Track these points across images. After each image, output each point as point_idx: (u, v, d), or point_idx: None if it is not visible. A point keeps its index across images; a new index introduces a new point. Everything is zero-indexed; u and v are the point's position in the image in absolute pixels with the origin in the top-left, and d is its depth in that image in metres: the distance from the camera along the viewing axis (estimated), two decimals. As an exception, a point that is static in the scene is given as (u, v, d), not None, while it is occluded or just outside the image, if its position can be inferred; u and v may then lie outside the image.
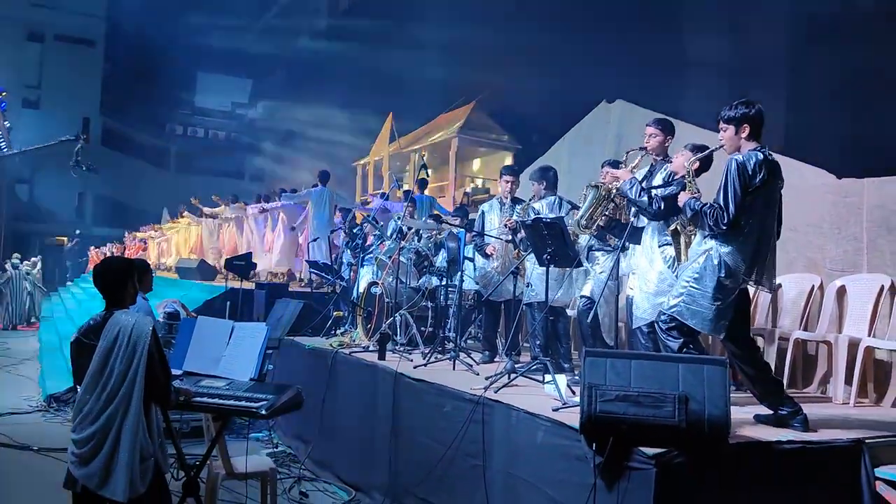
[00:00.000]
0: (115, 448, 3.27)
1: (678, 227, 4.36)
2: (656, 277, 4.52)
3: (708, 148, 4.23)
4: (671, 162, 4.64)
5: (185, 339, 4.35)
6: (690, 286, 3.83)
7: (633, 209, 4.76)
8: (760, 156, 3.76)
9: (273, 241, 12.71)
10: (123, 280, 3.52)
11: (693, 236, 4.23)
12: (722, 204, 3.71)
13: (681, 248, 4.25)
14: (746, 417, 3.92)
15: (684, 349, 3.82)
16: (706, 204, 3.84)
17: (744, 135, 3.86)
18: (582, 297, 5.30)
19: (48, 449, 6.41)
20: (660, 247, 4.55)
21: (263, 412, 3.83)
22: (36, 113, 33.18)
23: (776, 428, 3.77)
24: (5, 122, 27.64)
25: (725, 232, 3.73)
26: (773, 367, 5.16)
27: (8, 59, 29.32)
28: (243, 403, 3.89)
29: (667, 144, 4.85)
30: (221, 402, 3.89)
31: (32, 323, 17.62)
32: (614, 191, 4.72)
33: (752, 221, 3.75)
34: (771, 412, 3.88)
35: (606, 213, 4.80)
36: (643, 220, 4.69)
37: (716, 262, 3.77)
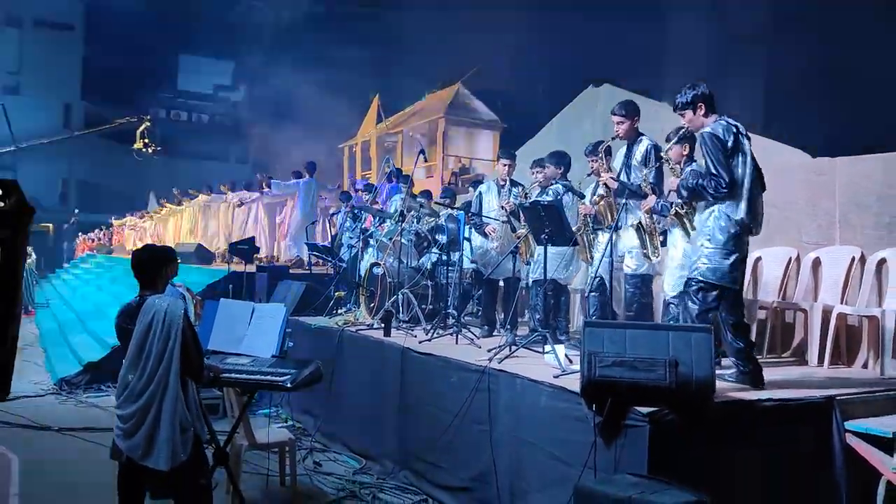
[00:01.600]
0: (156, 422, 3.56)
1: (678, 210, 4.57)
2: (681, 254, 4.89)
3: (681, 130, 4.63)
4: (642, 140, 5.06)
5: (210, 320, 4.65)
6: (705, 247, 4.24)
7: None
8: (724, 122, 4.26)
9: (287, 228, 12.79)
10: (161, 266, 3.81)
11: (693, 214, 4.55)
12: (714, 172, 4.14)
13: (687, 226, 4.55)
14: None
15: (710, 310, 4.22)
16: (698, 179, 4.21)
17: (701, 112, 4.35)
18: (595, 277, 5.45)
19: (68, 428, 6.71)
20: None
21: (289, 385, 4.15)
22: (16, 99, 32.94)
23: (738, 385, 4.20)
24: (-13, 110, 27.46)
25: (727, 194, 4.15)
26: (754, 334, 5.61)
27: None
28: (269, 378, 4.21)
29: (635, 125, 5.21)
30: (248, 376, 4.22)
31: (29, 311, 17.75)
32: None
33: (739, 176, 4.19)
34: (734, 369, 4.31)
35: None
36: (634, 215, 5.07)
37: (721, 219, 4.20)
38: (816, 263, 5.77)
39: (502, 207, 6.26)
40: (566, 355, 4.64)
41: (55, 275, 24.55)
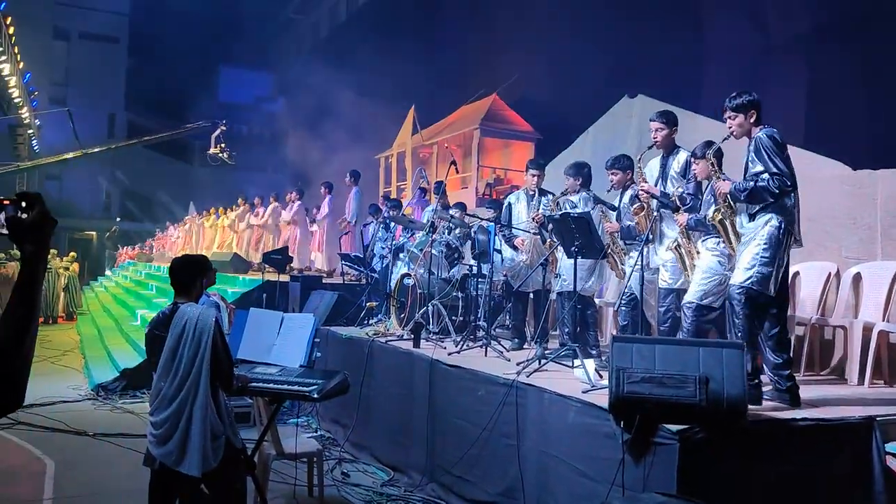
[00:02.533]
0: (188, 428, 3.60)
1: (721, 216, 4.49)
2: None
3: (714, 143, 4.53)
4: (680, 151, 4.97)
5: (239, 329, 4.70)
6: (761, 256, 4.13)
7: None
8: (776, 130, 4.17)
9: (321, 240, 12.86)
10: (195, 275, 3.86)
11: (735, 220, 4.45)
12: (777, 170, 4.05)
13: (728, 232, 4.46)
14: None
15: (757, 319, 4.16)
16: (756, 179, 4.12)
17: (752, 119, 4.25)
18: (626, 292, 5.37)
19: (103, 434, 6.82)
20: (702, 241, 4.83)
21: (315, 395, 4.16)
22: (63, 110, 33.86)
23: (774, 402, 4.09)
24: (35, 121, 28.30)
25: (790, 192, 4.08)
26: (792, 352, 5.45)
27: (35, 57, 29.91)
28: (296, 388, 4.22)
29: (673, 136, 5.11)
30: (276, 386, 4.23)
31: (72, 317, 18.17)
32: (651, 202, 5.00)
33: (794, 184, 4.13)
34: (770, 386, 4.20)
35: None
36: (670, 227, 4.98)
37: (779, 228, 4.11)
38: (857, 279, 5.62)
39: (532, 219, 6.21)
40: (596, 370, 4.57)
41: (97, 282, 25.07)
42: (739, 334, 4.12)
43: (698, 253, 4.82)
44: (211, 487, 3.65)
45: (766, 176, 4.06)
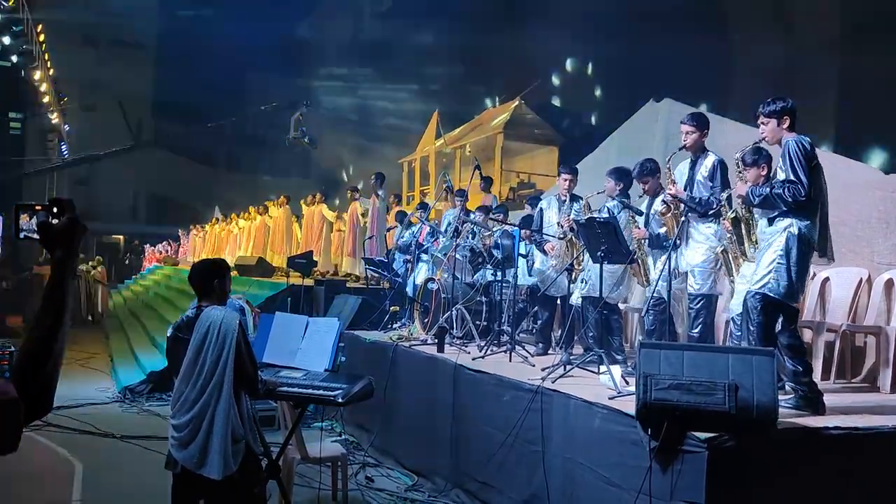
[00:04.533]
0: (209, 432, 3.60)
1: (738, 215, 4.49)
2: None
3: (763, 149, 4.45)
4: (709, 154, 4.90)
5: (265, 334, 4.71)
6: (777, 262, 4.07)
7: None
8: (808, 139, 4.09)
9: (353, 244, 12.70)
10: (211, 278, 3.87)
11: (753, 222, 4.40)
12: (794, 178, 3.98)
13: (743, 234, 4.42)
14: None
15: (774, 326, 4.10)
16: (773, 185, 4.07)
17: (785, 125, 4.17)
18: (653, 297, 5.27)
19: (129, 436, 6.88)
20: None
21: (340, 400, 4.16)
22: (92, 115, 34.40)
23: (799, 411, 4.01)
24: (65, 126, 28.77)
25: (804, 203, 3.99)
26: (822, 358, 5.38)
27: (65, 63, 30.41)
28: (321, 392, 4.22)
29: (703, 139, 5.03)
30: (301, 390, 4.23)
31: (98, 320, 18.40)
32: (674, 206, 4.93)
33: (815, 195, 4.04)
34: (793, 395, 4.12)
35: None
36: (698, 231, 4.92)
37: (797, 235, 4.05)
38: (889, 284, 5.51)
39: (559, 224, 6.16)
40: (623, 376, 4.53)
41: (124, 285, 25.37)
42: (753, 341, 4.06)
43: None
44: (230, 491, 3.66)
45: (787, 184, 4.00)
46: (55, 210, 1.68)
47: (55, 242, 1.62)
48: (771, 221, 4.19)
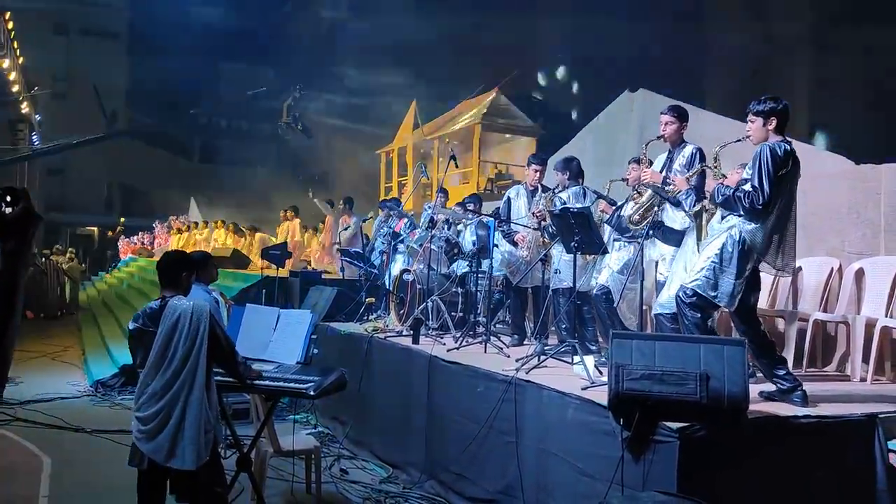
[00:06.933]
0: (181, 422, 3.55)
1: (702, 208, 4.51)
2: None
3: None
4: (686, 145, 4.87)
5: (236, 326, 4.66)
6: (712, 261, 4.08)
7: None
8: (788, 147, 4.03)
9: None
10: (179, 270, 3.82)
11: (713, 215, 4.42)
12: (758, 185, 3.94)
13: (702, 224, 4.43)
14: (756, 396, 4.13)
15: (706, 322, 4.10)
16: (737, 189, 4.06)
17: (770, 127, 4.09)
18: (599, 284, 5.41)
19: (101, 430, 6.77)
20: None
21: (312, 392, 4.13)
22: (63, 104, 33.84)
23: (779, 402, 4.02)
24: (36, 116, 28.29)
25: (759, 212, 3.96)
26: (794, 347, 5.42)
27: (35, 52, 29.87)
28: (292, 385, 4.19)
29: (682, 131, 5.01)
30: (272, 383, 4.20)
31: (71, 313, 18.13)
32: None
33: (778, 205, 4.00)
34: (774, 388, 4.13)
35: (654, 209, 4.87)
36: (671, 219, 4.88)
37: (738, 238, 4.04)
38: (860, 274, 5.56)
39: (533, 215, 6.15)
40: (596, 366, 4.53)
41: (98, 277, 25.05)
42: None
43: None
44: (197, 482, 3.61)
45: (747, 188, 3.99)
46: (8, 199, 1.61)
47: (7, 232, 1.57)
48: (722, 218, 4.20)
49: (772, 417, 3.72)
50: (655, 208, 4.82)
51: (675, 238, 4.81)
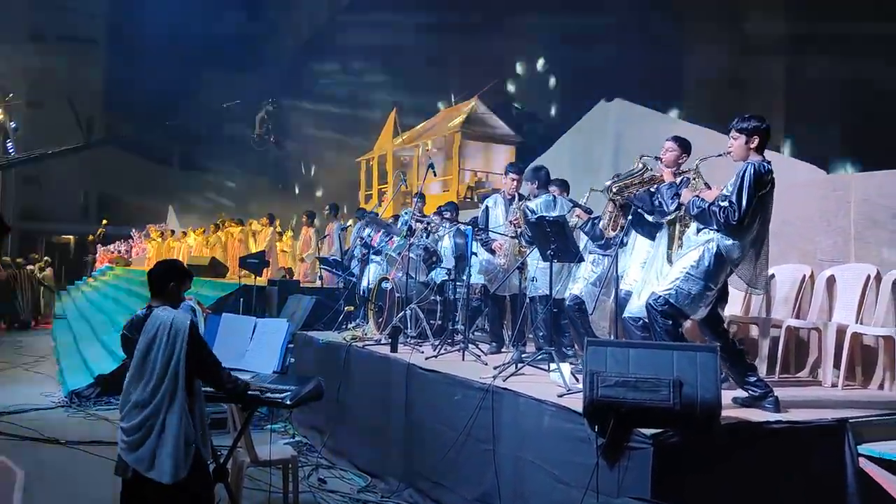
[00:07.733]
0: (161, 434, 3.54)
1: (675, 217, 4.54)
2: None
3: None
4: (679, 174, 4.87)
5: (212, 335, 4.64)
6: (688, 272, 4.13)
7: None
8: (769, 167, 4.09)
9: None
10: (167, 280, 3.80)
11: (687, 226, 4.47)
12: (735, 202, 3.99)
13: (675, 234, 4.47)
14: (729, 402, 4.19)
15: (678, 330, 4.15)
16: (713, 203, 4.10)
17: (752, 146, 4.14)
18: (572, 294, 5.46)
19: (75, 442, 6.70)
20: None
21: (288, 402, 4.12)
22: (39, 113, 33.44)
23: (751, 409, 4.07)
24: (11, 123, 27.96)
25: (733, 228, 4.01)
26: (767, 354, 5.49)
27: (10, 59, 29.55)
28: (269, 395, 4.18)
29: (680, 161, 4.99)
30: (248, 392, 4.16)
31: (46, 322, 17.89)
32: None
33: (754, 222, 4.06)
34: (746, 394, 4.18)
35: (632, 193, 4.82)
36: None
37: (715, 252, 4.09)
38: (831, 281, 5.65)
39: (511, 223, 6.18)
40: (572, 373, 4.55)
41: (74, 286, 24.75)
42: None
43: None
44: (179, 496, 3.59)
45: (724, 204, 4.04)
46: None
47: None
48: (698, 231, 4.25)
49: (744, 423, 3.77)
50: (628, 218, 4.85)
51: (648, 231, 4.87)
